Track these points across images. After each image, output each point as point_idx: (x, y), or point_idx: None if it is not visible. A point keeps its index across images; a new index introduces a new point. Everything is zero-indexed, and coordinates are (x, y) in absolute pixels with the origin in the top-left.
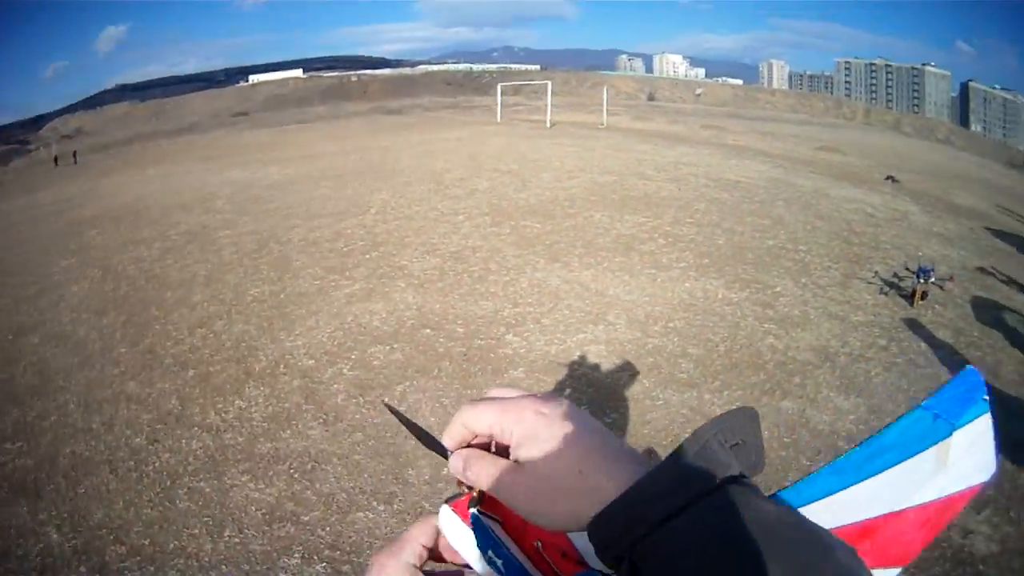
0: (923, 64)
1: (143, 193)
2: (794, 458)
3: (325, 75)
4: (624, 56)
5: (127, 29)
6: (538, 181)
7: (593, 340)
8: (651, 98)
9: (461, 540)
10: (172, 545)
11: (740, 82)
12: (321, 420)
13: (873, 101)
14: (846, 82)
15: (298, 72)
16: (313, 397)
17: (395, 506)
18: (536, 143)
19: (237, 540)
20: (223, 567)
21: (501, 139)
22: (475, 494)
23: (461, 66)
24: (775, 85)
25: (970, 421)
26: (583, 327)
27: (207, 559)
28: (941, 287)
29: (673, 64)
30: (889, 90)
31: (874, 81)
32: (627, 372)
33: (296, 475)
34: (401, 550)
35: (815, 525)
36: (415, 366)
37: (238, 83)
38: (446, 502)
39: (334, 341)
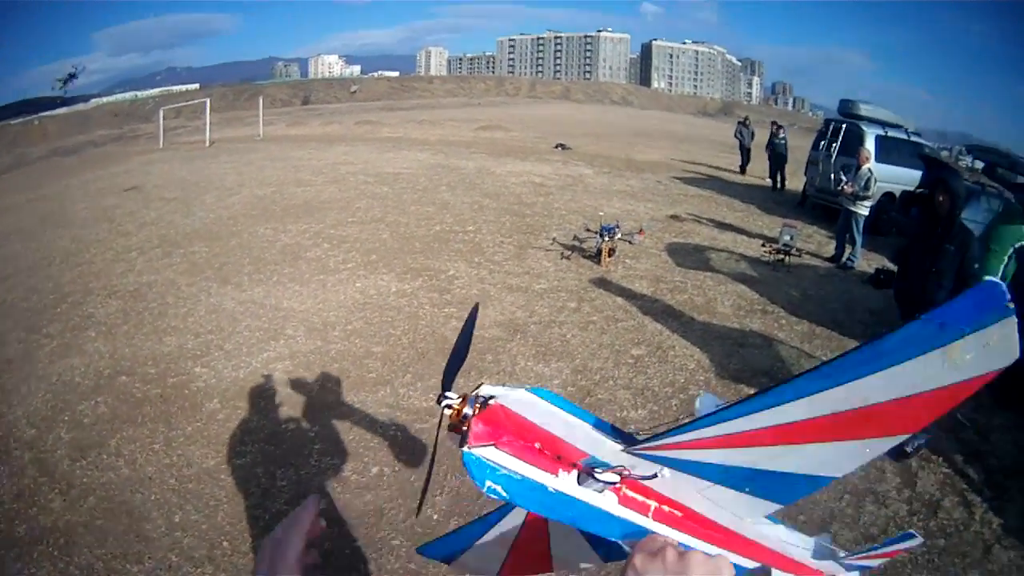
0: (598, 31)
1: None
2: None
3: (12, 122)
4: (280, 63)
5: None
6: (201, 204)
7: (277, 357)
8: (306, 102)
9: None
10: None
11: (396, 74)
12: (57, 491)
13: (539, 74)
14: (510, 59)
15: None
16: (44, 468)
17: (147, 564)
18: (197, 164)
19: None
20: None
21: (164, 165)
22: (463, 424)
23: (127, 95)
24: (433, 72)
25: (988, 325)
26: (265, 345)
27: None
28: (630, 241)
29: (328, 65)
30: (558, 62)
31: (541, 55)
32: (317, 382)
33: (56, 553)
34: (285, 555)
35: None
36: (121, 417)
37: None
38: (450, 431)
39: (47, 405)
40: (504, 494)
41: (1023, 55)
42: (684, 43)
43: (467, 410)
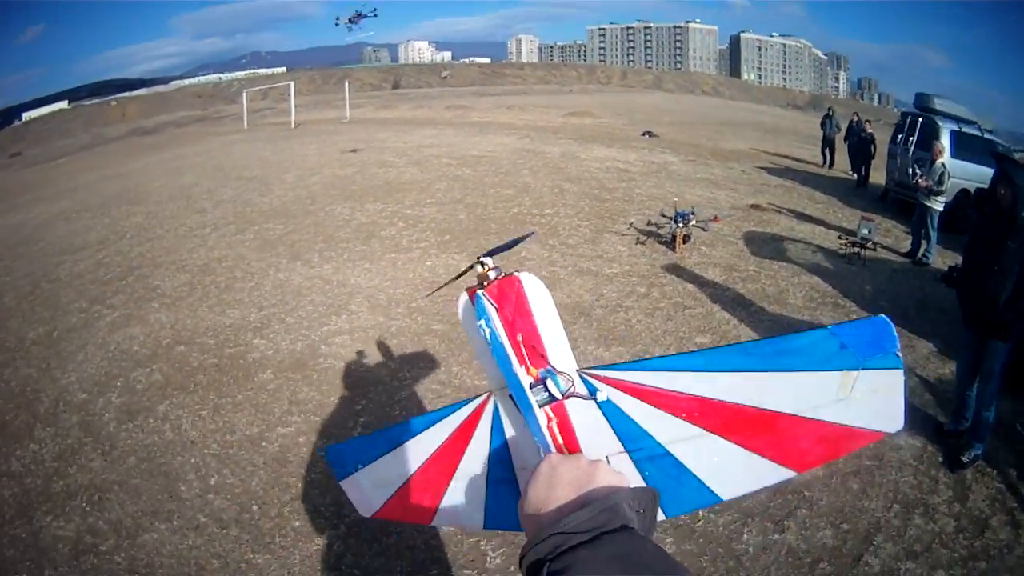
0: (687, 22)
1: None
2: None
3: (87, 103)
4: (370, 48)
5: None
6: (280, 183)
7: (337, 331)
8: (396, 86)
9: (468, 317)
10: None
11: (487, 60)
12: (99, 451)
13: (631, 63)
14: (600, 48)
15: (64, 103)
16: (90, 429)
17: (175, 523)
18: (280, 145)
19: None
20: None
21: (247, 146)
22: (484, 282)
23: (211, 77)
24: (524, 59)
25: (880, 368)
26: (326, 319)
27: None
28: (704, 228)
29: (419, 50)
30: (648, 51)
31: (632, 44)
32: (373, 357)
33: (88, 508)
34: None
35: (675, 560)
36: (173, 384)
37: (13, 123)
38: (466, 290)
39: (102, 371)
40: (488, 340)
41: None
42: (772, 36)
43: (491, 274)
